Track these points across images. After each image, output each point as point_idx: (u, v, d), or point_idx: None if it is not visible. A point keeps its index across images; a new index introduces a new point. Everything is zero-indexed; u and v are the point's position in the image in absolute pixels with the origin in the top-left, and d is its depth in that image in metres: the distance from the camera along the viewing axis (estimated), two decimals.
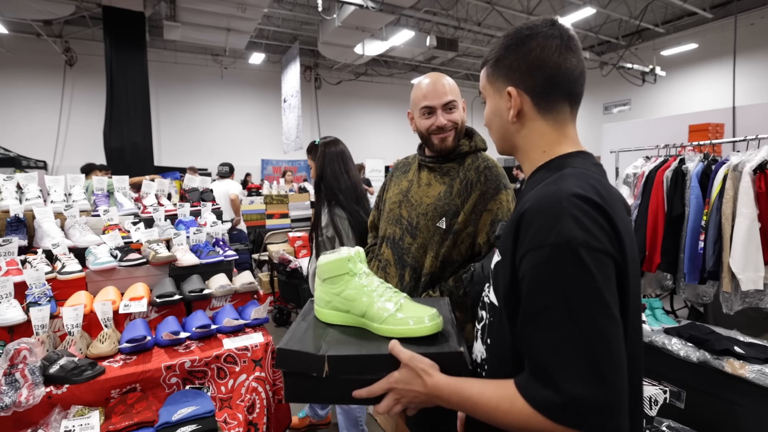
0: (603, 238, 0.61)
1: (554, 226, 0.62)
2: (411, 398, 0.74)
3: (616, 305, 0.61)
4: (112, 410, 1.45)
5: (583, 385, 0.57)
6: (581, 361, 0.57)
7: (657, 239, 2.73)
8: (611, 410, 0.57)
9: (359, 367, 0.77)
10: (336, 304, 0.89)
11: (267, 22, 9.95)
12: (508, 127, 0.79)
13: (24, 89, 9.69)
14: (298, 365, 0.79)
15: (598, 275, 0.59)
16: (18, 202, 2.15)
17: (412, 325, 0.80)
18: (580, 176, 0.69)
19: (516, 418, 0.62)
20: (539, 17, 0.78)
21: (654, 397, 1.51)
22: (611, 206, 0.65)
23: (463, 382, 0.71)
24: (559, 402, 0.58)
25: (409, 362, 0.74)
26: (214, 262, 2.10)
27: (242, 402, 1.63)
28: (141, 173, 5.30)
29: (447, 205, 1.33)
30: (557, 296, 0.60)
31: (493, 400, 0.65)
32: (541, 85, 0.74)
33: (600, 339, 0.58)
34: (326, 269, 0.90)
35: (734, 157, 2.46)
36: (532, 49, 0.74)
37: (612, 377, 0.57)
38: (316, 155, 2.09)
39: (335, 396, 0.81)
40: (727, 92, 6.33)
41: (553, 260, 0.61)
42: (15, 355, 1.38)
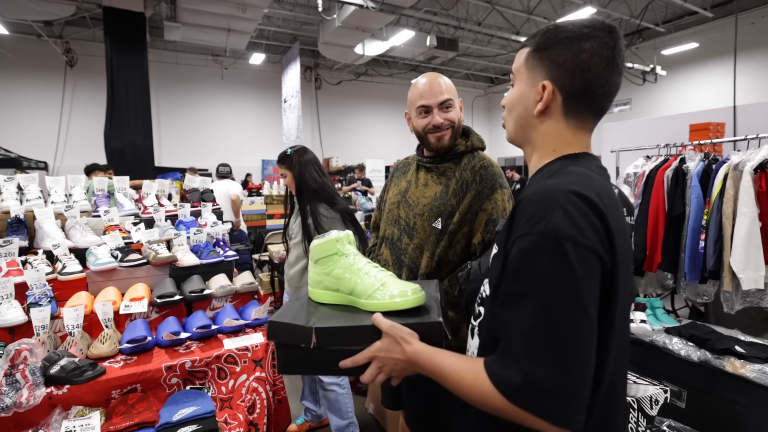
0: (591, 235, 0.62)
1: (544, 216, 0.63)
2: (392, 366, 0.77)
3: (593, 303, 0.61)
4: (113, 411, 1.45)
5: (543, 371, 0.58)
6: (546, 349, 0.59)
7: (658, 239, 2.73)
8: (566, 401, 0.58)
9: (344, 338, 0.82)
10: (327, 284, 0.94)
11: (267, 23, 9.94)
12: (529, 119, 0.78)
13: (25, 90, 9.69)
14: (288, 337, 0.84)
15: (578, 269, 0.60)
16: (19, 203, 2.15)
17: (394, 299, 0.84)
18: (582, 175, 0.69)
19: (478, 392, 0.64)
20: (596, 18, 0.75)
21: (655, 397, 1.50)
22: (607, 207, 0.65)
23: (438, 353, 0.73)
24: (518, 383, 0.59)
25: (389, 330, 0.77)
26: (215, 263, 2.10)
27: (243, 402, 1.63)
28: (142, 174, 5.31)
29: (443, 206, 1.33)
30: (535, 283, 0.61)
31: (461, 373, 0.68)
32: (578, 89, 0.72)
33: (568, 331, 0.59)
34: (317, 251, 0.95)
35: (735, 156, 2.46)
36: (584, 51, 0.71)
37: (574, 370, 0.58)
38: (291, 164, 2.11)
39: (323, 367, 0.85)
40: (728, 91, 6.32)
41: (537, 248, 0.62)
42: (16, 356, 1.38)
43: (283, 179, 2.16)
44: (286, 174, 2.13)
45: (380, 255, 1.50)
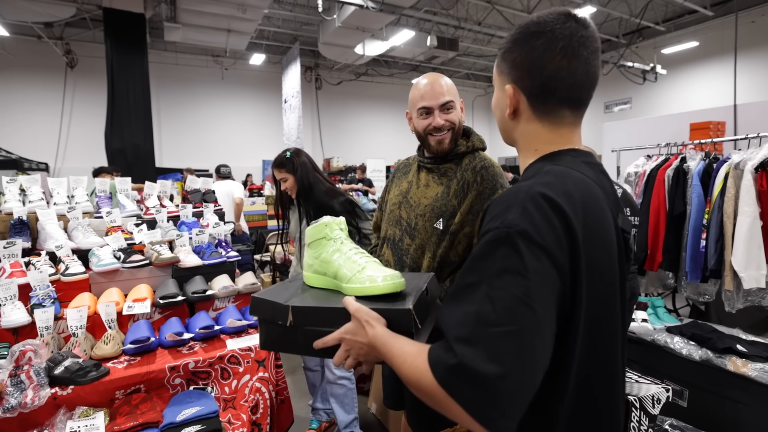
0: (547, 235, 0.60)
1: (503, 214, 0.63)
2: (358, 349, 0.77)
3: (543, 303, 0.58)
4: (117, 411, 1.46)
5: (479, 358, 0.55)
6: (485, 337, 0.56)
7: (659, 238, 2.73)
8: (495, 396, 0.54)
9: (318, 318, 0.84)
10: (317, 267, 0.97)
11: (267, 23, 9.95)
12: (507, 123, 0.79)
13: (25, 91, 9.70)
14: (267, 313, 0.88)
15: (529, 265, 0.58)
16: (21, 205, 2.16)
17: (369, 284, 0.84)
18: (558, 175, 0.68)
19: (413, 372, 0.62)
20: (556, 10, 0.72)
21: (656, 396, 1.51)
22: (576, 209, 0.63)
23: (394, 337, 0.71)
24: (451, 364, 0.56)
25: (356, 313, 0.77)
26: (217, 263, 2.11)
27: (246, 402, 1.64)
28: (143, 174, 5.30)
29: (444, 206, 1.34)
30: (485, 275, 0.60)
31: (405, 354, 0.66)
32: (537, 88, 0.72)
33: (510, 324, 0.56)
34: (309, 234, 0.99)
35: (736, 155, 2.46)
36: (535, 48, 0.70)
37: (510, 363, 0.54)
38: (293, 168, 2.11)
39: (301, 346, 0.86)
40: (729, 90, 6.32)
41: (491, 242, 0.61)
42: (20, 357, 1.39)
43: (283, 183, 2.12)
44: (287, 178, 2.11)
45: (382, 256, 1.50)
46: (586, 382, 0.66)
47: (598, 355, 0.67)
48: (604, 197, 0.71)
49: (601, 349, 0.68)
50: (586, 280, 0.63)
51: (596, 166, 0.76)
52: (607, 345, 0.69)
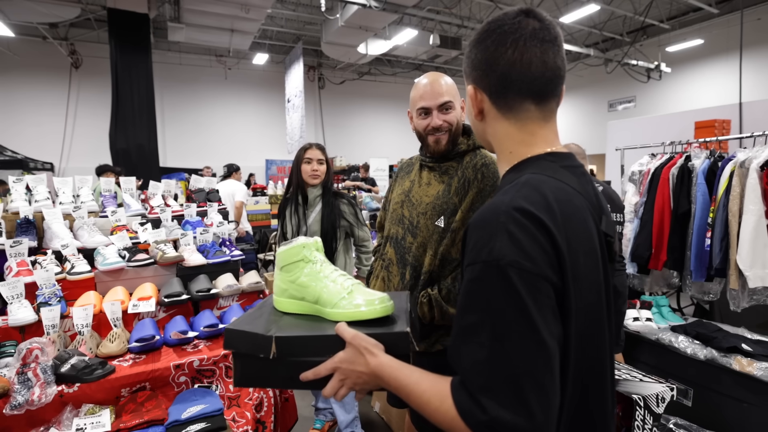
0: (538, 258, 0.59)
1: (488, 243, 0.60)
2: (355, 378, 0.73)
3: (549, 328, 0.59)
4: (123, 408, 1.47)
5: (505, 410, 0.55)
6: (506, 384, 0.56)
7: (663, 237, 2.72)
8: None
9: (306, 348, 0.77)
10: (292, 292, 0.89)
11: (270, 23, 9.96)
12: (477, 125, 0.79)
13: (30, 92, 9.77)
14: (246, 346, 0.79)
15: (527, 297, 0.58)
16: (28, 204, 2.18)
17: (360, 307, 0.80)
18: (535, 184, 0.66)
19: (443, 417, 0.61)
20: (511, 9, 0.74)
21: (661, 395, 1.50)
22: (557, 220, 0.62)
23: (404, 368, 0.69)
24: (484, 420, 0.56)
25: (353, 340, 0.73)
26: (221, 262, 2.12)
27: (250, 400, 1.65)
28: (147, 174, 5.33)
29: (445, 204, 1.34)
30: (485, 315, 0.59)
31: (426, 394, 0.64)
32: (495, 84, 0.72)
33: (524, 362, 0.56)
34: (283, 257, 0.90)
35: (741, 153, 2.45)
36: (488, 47, 0.72)
37: (536, 401, 0.56)
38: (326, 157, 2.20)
39: (283, 379, 0.80)
40: (734, 88, 6.27)
41: (483, 278, 0.60)
42: (27, 355, 1.40)
43: (319, 165, 2.14)
44: (323, 161, 2.16)
45: (385, 254, 1.51)
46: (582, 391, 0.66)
47: (589, 363, 0.67)
48: (586, 204, 0.71)
49: (591, 356, 0.67)
50: (573, 291, 0.62)
51: (576, 170, 0.74)
52: (596, 353, 0.68)
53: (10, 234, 2.04)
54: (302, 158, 2.14)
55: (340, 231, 2.17)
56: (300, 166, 2.14)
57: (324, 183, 2.15)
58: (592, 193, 0.74)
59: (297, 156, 2.17)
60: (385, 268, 1.50)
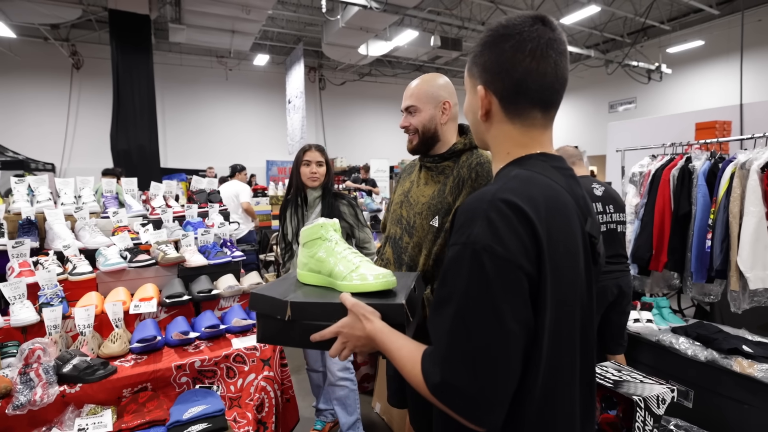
0: (512, 246, 0.62)
1: (469, 227, 0.65)
2: (354, 341, 0.82)
3: (514, 315, 0.62)
4: (124, 409, 1.48)
5: (457, 376, 0.62)
6: (461, 356, 0.63)
7: (664, 238, 2.72)
8: (477, 404, 0.62)
9: (315, 313, 0.88)
10: (311, 266, 1.01)
11: (271, 24, 9.98)
12: (479, 125, 0.81)
13: (32, 92, 9.78)
14: (267, 308, 0.92)
15: (494, 282, 0.61)
16: (29, 205, 2.18)
17: (364, 281, 0.90)
18: (524, 180, 0.69)
19: (415, 378, 0.69)
20: (524, 13, 0.74)
21: (661, 396, 1.50)
22: (540, 214, 0.65)
23: (393, 334, 0.78)
24: (437, 381, 0.64)
25: (353, 308, 0.82)
26: (222, 263, 2.12)
27: (251, 401, 1.65)
28: (147, 175, 5.33)
29: (440, 204, 1.35)
30: (454, 292, 0.64)
31: (404, 359, 0.72)
32: (509, 89, 0.73)
33: (480, 341, 0.62)
34: (305, 234, 1.03)
35: (742, 155, 2.45)
36: (505, 51, 0.72)
37: (484, 376, 0.61)
38: (327, 158, 2.18)
39: (297, 339, 0.90)
40: (735, 89, 6.27)
41: (459, 259, 0.65)
42: (29, 355, 1.40)
43: (318, 167, 2.13)
44: (323, 163, 2.16)
45: (384, 254, 1.52)
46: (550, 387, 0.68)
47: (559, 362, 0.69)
48: (573, 203, 0.73)
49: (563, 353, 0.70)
50: (551, 283, 0.65)
51: (566, 171, 0.77)
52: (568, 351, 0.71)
53: (12, 234, 2.05)
54: (301, 160, 2.14)
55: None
56: (299, 168, 2.14)
57: (324, 184, 2.15)
58: (579, 195, 0.77)
59: (296, 158, 2.16)
60: (383, 267, 1.51)
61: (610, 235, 2.30)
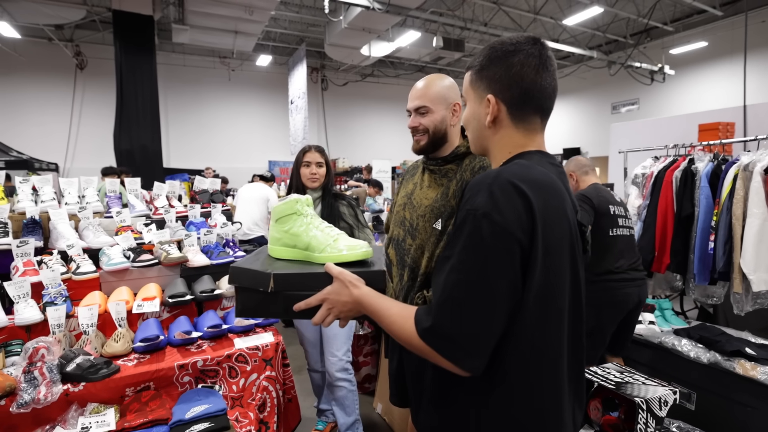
0: (509, 216, 0.71)
1: (473, 197, 0.75)
2: (340, 307, 0.87)
3: (502, 273, 0.71)
4: (127, 408, 1.48)
5: (446, 320, 0.72)
6: (449, 303, 0.72)
7: (666, 240, 2.71)
8: (460, 346, 0.72)
9: (299, 283, 0.91)
10: (285, 241, 1.03)
11: (274, 25, 10.00)
12: (484, 131, 0.89)
13: (36, 93, 9.83)
14: (249, 281, 0.93)
15: (488, 243, 0.71)
16: (34, 204, 2.19)
17: (343, 251, 0.95)
18: (523, 166, 0.79)
19: (404, 332, 0.77)
20: (522, 34, 0.86)
21: (664, 398, 1.50)
22: (535, 194, 0.74)
23: (380, 297, 0.85)
24: (428, 325, 0.74)
25: (339, 275, 0.87)
26: (225, 263, 2.13)
27: (253, 401, 1.65)
28: (150, 175, 5.35)
29: (443, 207, 1.35)
30: (455, 249, 0.74)
31: (395, 316, 0.80)
32: (517, 97, 0.84)
33: (468, 293, 0.71)
34: (279, 210, 1.05)
35: (745, 156, 2.44)
36: (514, 65, 0.83)
37: (469, 323, 0.71)
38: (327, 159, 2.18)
39: (280, 310, 0.92)
40: (738, 91, 6.25)
41: (462, 222, 0.75)
42: (34, 354, 1.41)
43: (318, 168, 2.12)
44: (323, 164, 2.14)
45: (387, 255, 1.52)
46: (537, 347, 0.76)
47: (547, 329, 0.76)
48: (566, 192, 0.84)
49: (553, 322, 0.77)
50: (541, 257, 0.73)
51: (558, 167, 0.88)
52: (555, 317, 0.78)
53: (17, 234, 2.06)
54: (301, 161, 2.13)
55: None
56: (299, 169, 2.14)
57: (324, 185, 2.15)
58: (568, 189, 0.87)
59: (296, 159, 2.17)
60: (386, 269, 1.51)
61: (630, 241, 2.27)
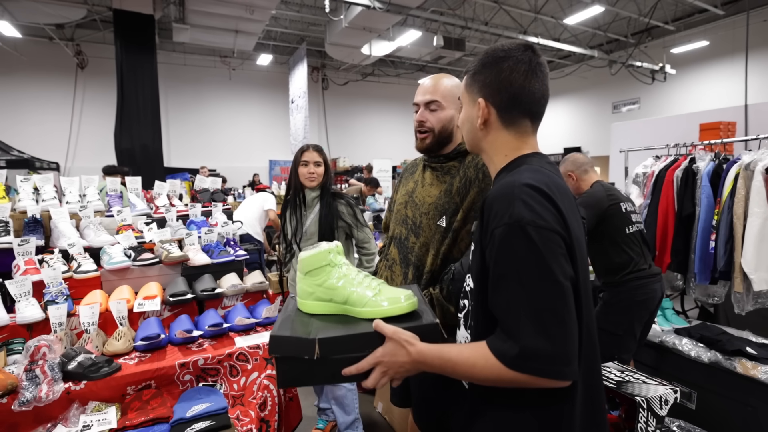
0: (549, 218, 0.74)
1: (508, 209, 0.75)
2: (397, 368, 0.83)
3: (563, 272, 0.72)
4: (128, 406, 1.48)
5: (530, 339, 0.70)
6: (529, 319, 0.70)
7: (667, 239, 2.71)
8: (555, 359, 0.70)
9: (347, 346, 0.84)
10: (319, 294, 0.95)
11: (274, 24, 9.99)
12: (476, 133, 0.92)
13: (37, 92, 9.84)
14: (291, 350, 0.84)
15: (542, 248, 0.72)
16: (35, 203, 2.20)
17: (390, 305, 0.88)
18: (533, 171, 0.82)
19: (490, 371, 0.74)
20: (516, 41, 0.90)
21: (664, 397, 1.50)
22: (556, 194, 0.78)
23: (443, 347, 0.81)
24: (515, 353, 0.70)
25: (394, 335, 0.82)
26: (226, 262, 2.13)
27: (254, 399, 1.66)
28: (151, 174, 5.35)
29: (447, 204, 1.35)
30: (511, 266, 0.74)
31: (471, 359, 0.76)
32: (506, 101, 0.87)
33: (543, 300, 0.71)
34: (308, 262, 0.96)
35: (746, 155, 2.44)
36: (503, 70, 0.86)
37: (555, 331, 0.70)
38: (325, 158, 2.18)
39: (327, 376, 0.86)
40: (739, 90, 6.24)
41: (508, 237, 0.74)
42: (35, 352, 1.42)
43: (316, 167, 2.12)
44: (321, 163, 2.14)
45: (389, 254, 1.52)
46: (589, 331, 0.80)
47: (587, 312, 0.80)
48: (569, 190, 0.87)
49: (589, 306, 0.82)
50: (576, 248, 0.77)
51: (555, 167, 0.91)
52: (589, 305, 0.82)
53: (18, 233, 2.06)
54: (299, 160, 2.13)
55: (338, 232, 2.16)
56: (297, 168, 2.14)
57: (322, 184, 2.15)
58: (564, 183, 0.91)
59: (294, 158, 2.16)
60: (388, 267, 1.51)
61: (644, 236, 2.23)
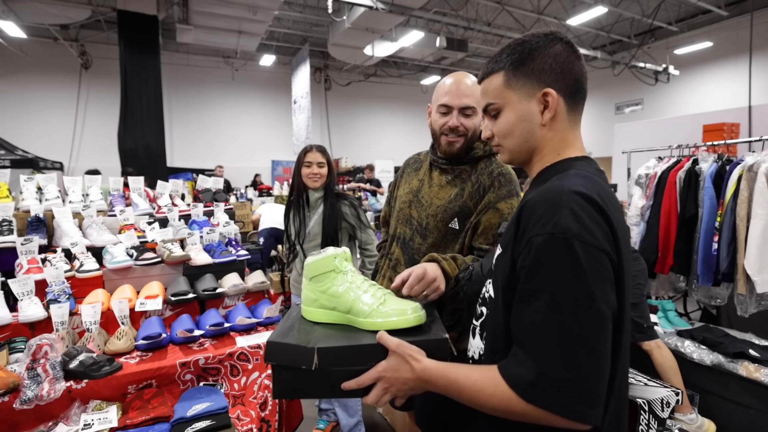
0: (598, 234, 0.63)
1: (552, 217, 0.64)
2: (399, 386, 0.75)
3: (606, 300, 0.62)
4: (129, 405, 1.49)
5: (554, 367, 0.59)
6: (557, 346, 0.60)
7: (670, 240, 2.70)
8: (579, 395, 0.59)
9: (348, 358, 0.78)
10: (322, 302, 0.90)
11: (277, 24, 10.02)
12: (536, 131, 0.78)
13: (41, 92, 9.89)
14: (288, 358, 0.79)
15: (587, 268, 0.61)
16: (38, 203, 2.21)
17: (396, 318, 0.81)
18: (584, 177, 0.71)
19: (498, 401, 0.64)
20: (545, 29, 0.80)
21: (666, 399, 1.50)
22: (609, 206, 0.67)
23: (450, 367, 0.72)
24: (531, 379, 0.60)
25: (397, 349, 0.76)
26: (227, 262, 2.13)
27: (255, 399, 1.66)
28: (154, 174, 5.37)
29: (458, 207, 1.33)
30: (547, 282, 0.63)
31: (478, 384, 0.67)
32: (572, 86, 0.76)
33: (579, 327, 0.60)
34: (313, 267, 0.91)
35: (749, 157, 2.43)
36: (560, 53, 0.75)
37: (586, 365, 0.59)
38: (329, 159, 2.18)
39: (325, 389, 0.80)
40: (743, 91, 6.22)
41: (549, 248, 0.63)
42: (37, 351, 1.42)
43: (320, 168, 2.12)
44: (324, 164, 2.14)
45: (392, 254, 1.50)
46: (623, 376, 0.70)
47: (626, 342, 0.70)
48: None
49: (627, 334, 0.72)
50: (625, 273, 0.67)
51: (604, 174, 0.81)
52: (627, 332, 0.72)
53: (21, 232, 2.07)
54: (302, 161, 2.13)
55: (341, 233, 2.16)
56: (300, 169, 2.15)
57: (326, 185, 2.15)
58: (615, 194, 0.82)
59: (297, 159, 2.16)
60: (392, 267, 1.49)
61: None
